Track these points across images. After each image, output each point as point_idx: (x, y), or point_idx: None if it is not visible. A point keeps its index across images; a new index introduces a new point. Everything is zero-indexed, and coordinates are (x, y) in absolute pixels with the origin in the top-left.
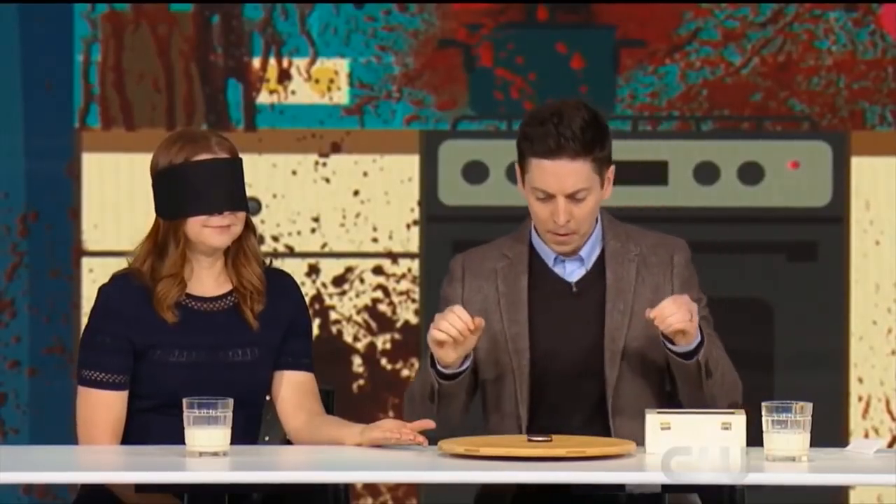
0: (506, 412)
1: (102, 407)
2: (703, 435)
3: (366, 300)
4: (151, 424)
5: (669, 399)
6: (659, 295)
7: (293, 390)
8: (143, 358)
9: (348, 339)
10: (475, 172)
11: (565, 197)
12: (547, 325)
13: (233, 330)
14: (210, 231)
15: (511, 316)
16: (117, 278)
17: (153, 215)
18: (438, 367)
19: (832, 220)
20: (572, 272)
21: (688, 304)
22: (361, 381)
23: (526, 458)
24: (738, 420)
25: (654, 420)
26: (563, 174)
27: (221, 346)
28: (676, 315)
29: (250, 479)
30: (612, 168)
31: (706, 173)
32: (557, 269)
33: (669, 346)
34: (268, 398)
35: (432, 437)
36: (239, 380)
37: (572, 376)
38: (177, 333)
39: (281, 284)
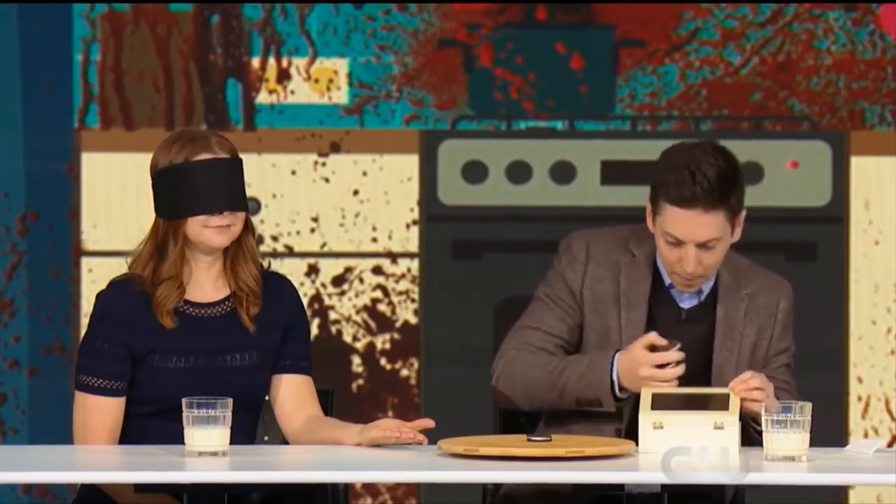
0: (604, 413)
1: (100, 412)
2: (695, 434)
3: (365, 300)
4: (150, 429)
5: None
6: (761, 338)
7: (292, 393)
8: (142, 364)
9: (348, 338)
10: (475, 172)
11: (696, 246)
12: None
13: (231, 335)
14: (210, 231)
15: (630, 316)
16: (115, 284)
17: (153, 215)
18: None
19: (832, 220)
20: (686, 299)
21: (762, 382)
22: (361, 381)
23: (526, 458)
24: (731, 420)
25: (646, 419)
26: (695, 225)
27: (220, 350)
28: (759, 394)
29: (249, 478)
30: (744, 213)
31: None
32: (672, 291)
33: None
34: (266, 398)
35: (432, 437)
36: (238, 384)
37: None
38: (175, 339)
39: (279, 288)
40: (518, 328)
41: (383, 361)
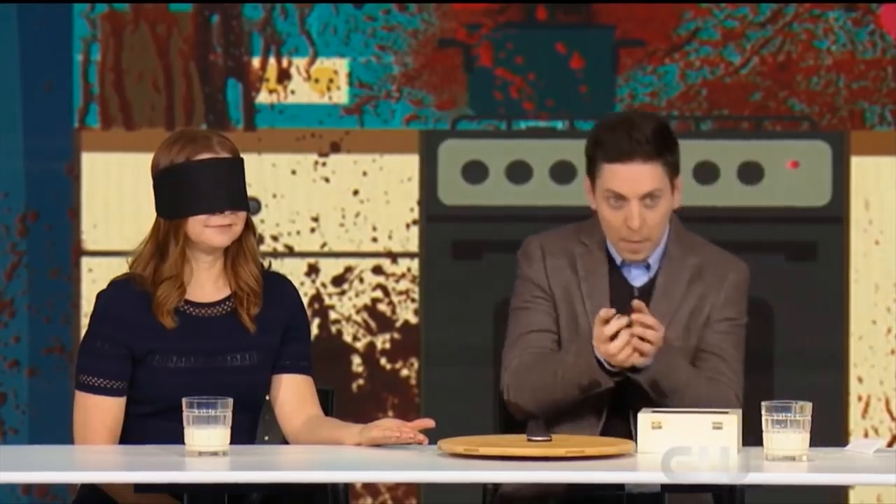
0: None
1: (100, 412)
2: (694, 434)
3: (365, 300)
4: (150, 429)
5: None
6: (702, 303)
7: (292, 393)
8: (142, 364)
9: (348, 338)
10: (475, 172)
11: (639, 200)
12: None
13: (231, 335)
14: (211, 230)
15: (593, 300)
16: (116, 284)
17: (153, 215)
18: (608, 367)
19: (832, 220)
20: (637, 277)
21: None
22: (361, 381)
23: (525, 458)
24: (730, 420)
25: (645, 419)
26: (636, 176)
27: (220, 351)
28: (653, 334)
29: (250, 478)
30: (681, 178)
31: (706, 173)
32: (624, 271)
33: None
34: (266, 398)
35: (432, 437)
36: (238, 384)
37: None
38: (175, 339)
39: (279, 288)
40: (512, 341)
41: (383, 361)
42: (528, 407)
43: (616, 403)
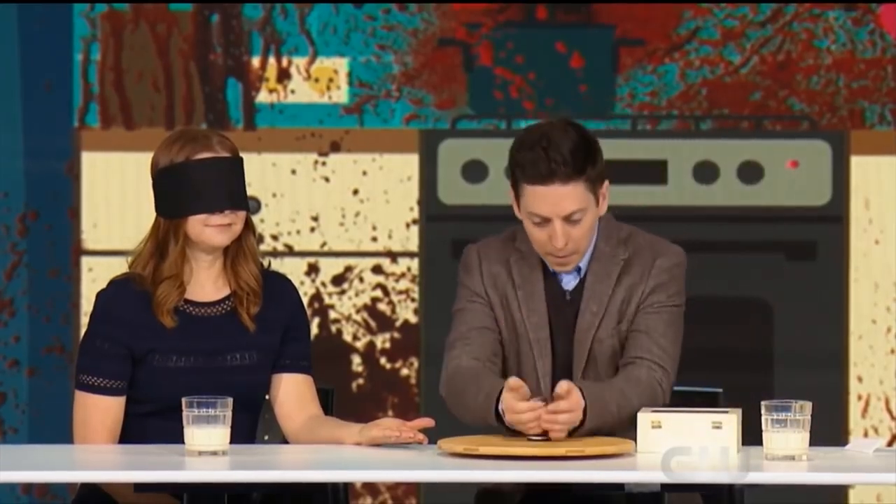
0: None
1: (100, 412)
2: (694, 434)
3: (365, 299)
4: (149, 429)
5: None
6: (632, 293)
7: (292, 393)
8: (142, 363)
9: (348, 338)
10: (474, 171)
11: (561, 220)
12: (555, 328)
13: (231, 334)
14: (211, 230)
15: (529, 305)
16: (116, 284)
17: (153, 214)
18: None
19: (831, 220)
20: (568, 282)
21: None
22: (361, 381)
23: (525, 458)
24: (730, 419)
25: (645, 419)
26: (557, 198)
27: (220, 350)
28: (565, 417)
29: (249, 478)
30: (606, 184)
31: (705, 172)
32: (557, 275)
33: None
34: (266, 398)
35: (432, 436)
36: (238, 383)
37: (563, 373)
38: (175, 338)
39: (279, 287)
40: (452, 340)
41: (383, 361)
42: (453, 412)
43: None
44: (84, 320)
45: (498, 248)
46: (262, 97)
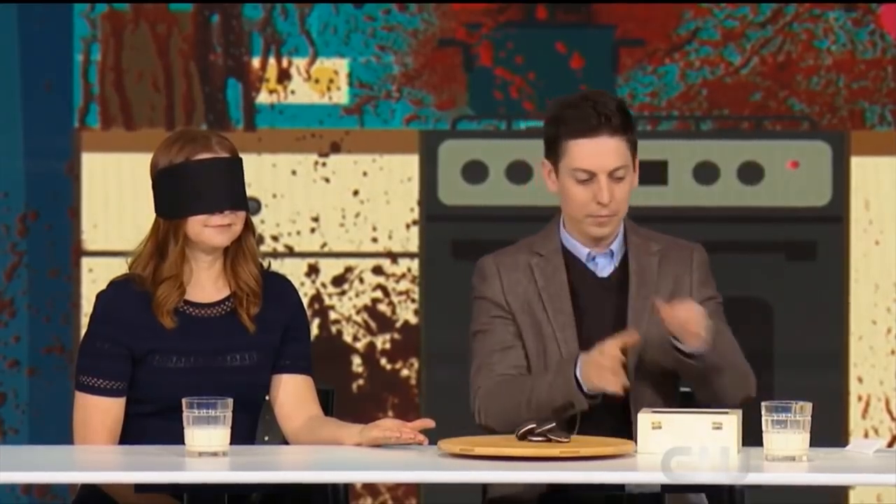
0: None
1: (100, 413)
2: (694, 434)
3: (365, 300)
4: (149, 429)
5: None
6: (679, 286)
7: (292, 393)
8: (142, 364)
9: (348, 338)
10: (475, 172)
11: (607, 175)
12: (587, 318)
13: (231, 335)
14: (211, 230)
15: (555, 306)
16: (115, 284)
17: (153, 215)
18: (586, 391)
19: (832, 220)
20: (604, 267)
21: (702, 313)
22: (361, 381)
23: (525, 458)
24: (730, 420)
25: (645, 419)
26: (604, 151)
27: (220, 351)
28: (696, 319)
29: (249, 479)
30: (638, 160)
31: (706, 173)
32: (590, 266)
33: (676, 344)
34: (266, 398)
35: (432, 437)
36: (238, 384)
37: None
38: (175, 339)
39: (279, 288)
40: (477, 365)
41: (383, 361)
42: (500, 430)
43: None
44: (84, 321)
45: (515, 256)
46: (263, 98)
